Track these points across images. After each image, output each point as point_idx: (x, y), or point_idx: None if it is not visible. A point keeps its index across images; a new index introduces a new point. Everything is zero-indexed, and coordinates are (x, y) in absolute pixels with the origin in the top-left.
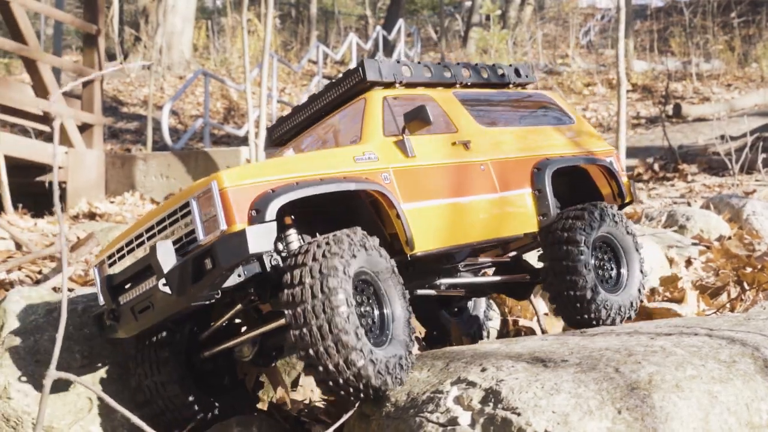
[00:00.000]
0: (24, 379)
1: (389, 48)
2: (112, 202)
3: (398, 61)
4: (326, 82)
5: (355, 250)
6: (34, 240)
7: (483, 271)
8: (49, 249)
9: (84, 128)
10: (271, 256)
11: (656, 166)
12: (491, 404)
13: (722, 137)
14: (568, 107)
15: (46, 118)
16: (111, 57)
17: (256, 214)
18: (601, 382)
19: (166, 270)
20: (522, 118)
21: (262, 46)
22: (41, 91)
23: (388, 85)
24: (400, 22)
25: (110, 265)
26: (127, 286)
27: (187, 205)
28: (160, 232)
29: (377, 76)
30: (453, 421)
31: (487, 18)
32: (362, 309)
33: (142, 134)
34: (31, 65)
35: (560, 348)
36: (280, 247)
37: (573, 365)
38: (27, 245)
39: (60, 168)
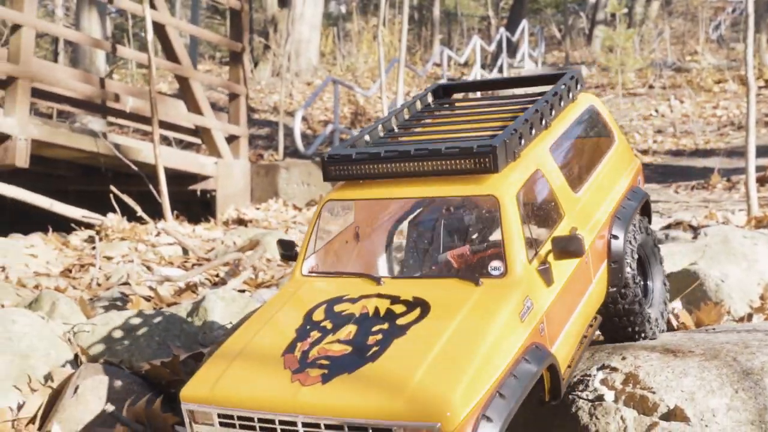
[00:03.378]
0: None
1: (512, 48)
2: (257, 209)
3: (515, 130)
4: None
5: None
6: (197, 245)
7: None
8: (229, 255)
9: (231, 139)
10: None
11: None
12: (631, 385)
13: None
14: (609, 117)
15: (196, 131)
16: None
17: None
18: (721, 368)
19: None
20: (588, 160)
21: (387, 52)
22: (193, 106)
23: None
24: (524, 22)
25: (223, 425)
26: None
27: (387, 430)
28: None
29: (505, 163)
30: (600, 398)
31: (613, 15)
32: None
33: (273, 140)
34: (183, 82)
35: (687, 342)
36: None
37: (698, 355)
38: (193, 250)
39: (210, 177)
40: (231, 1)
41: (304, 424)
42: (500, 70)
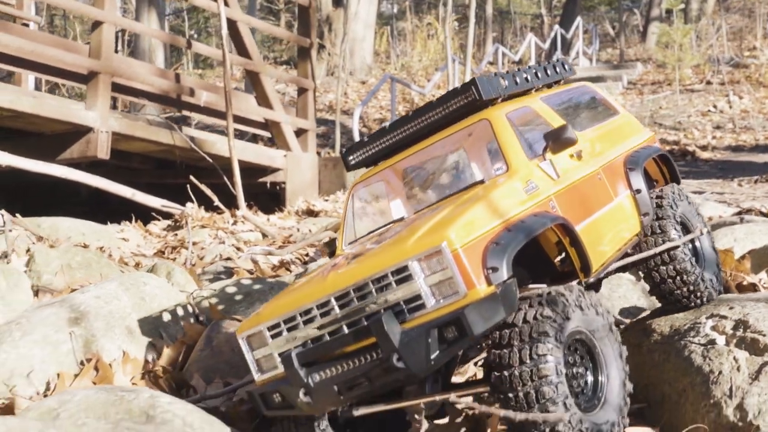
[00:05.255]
0: None
1: (566, 46)
2: (326, 200)
3: (496, 74)
4: None
5: (569, 311)
6: (275, 232)
7: None
8: (321, 234)
9: (299, 133)
10: None
11: None
12: (741, 330)
13: None
14: (610, 98)
15: (266, 125)
16: (297, 65)
17: (493, 272)
18: None
19: (397, 344)
20: (588, 116)
21: (441, 50)
22: (263, 100)
23: (492, 101)
24: (578, 19)
25: (274, 336)
26: (317, 360)
27: (403, 269)
28: (360, 299)
29: (490, 94)
30: (711, 342)
31: (667, 12)
32: (574, 370)
33: (329, 138)
34: (254, 77)
35: None
36: None
37: None
38: (273, 236)
39: (280, 170)
40: None
41: (336, 299)
42: None
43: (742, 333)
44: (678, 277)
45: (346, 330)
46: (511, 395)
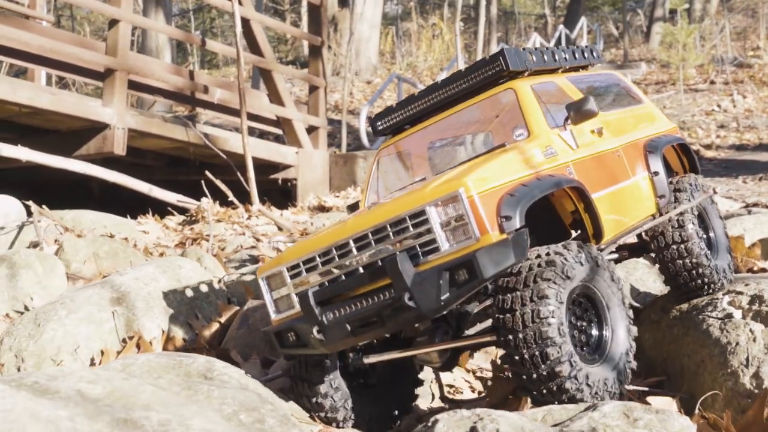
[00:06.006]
0: None
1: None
2: (337, 197)
3: (524, 48)
4: None
5: (573, 264)
6: (290, 227)
7: None
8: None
9: (310, 130)
10: None
11: None
12: (756, 304)
13: None
14: (633, 86)
15: (277, 122)
16: (303, 65)
17: (506, 221)
18: None
19: (409, 283)
20: (612, 100)
21: (446, 50)
22: (275, 98)
23: (519, 74)
24: (582, 19)
25: (293, 277)
26: (332, 300)
27: (420, 213)
28: (377, 242)
29: (517, 66)
30: (728, 316)
31: (671, 12)
32: (579, 324)
33: (335, 137)
34: (266, 75)
35: None
36: None
37: None
38: (289, 229)
39: (291, 166)
40: None
41: (355, 241)
42: None
43: (758, 307)
44: (692, 265)
45: (361, 270)
46: (512, 337)
